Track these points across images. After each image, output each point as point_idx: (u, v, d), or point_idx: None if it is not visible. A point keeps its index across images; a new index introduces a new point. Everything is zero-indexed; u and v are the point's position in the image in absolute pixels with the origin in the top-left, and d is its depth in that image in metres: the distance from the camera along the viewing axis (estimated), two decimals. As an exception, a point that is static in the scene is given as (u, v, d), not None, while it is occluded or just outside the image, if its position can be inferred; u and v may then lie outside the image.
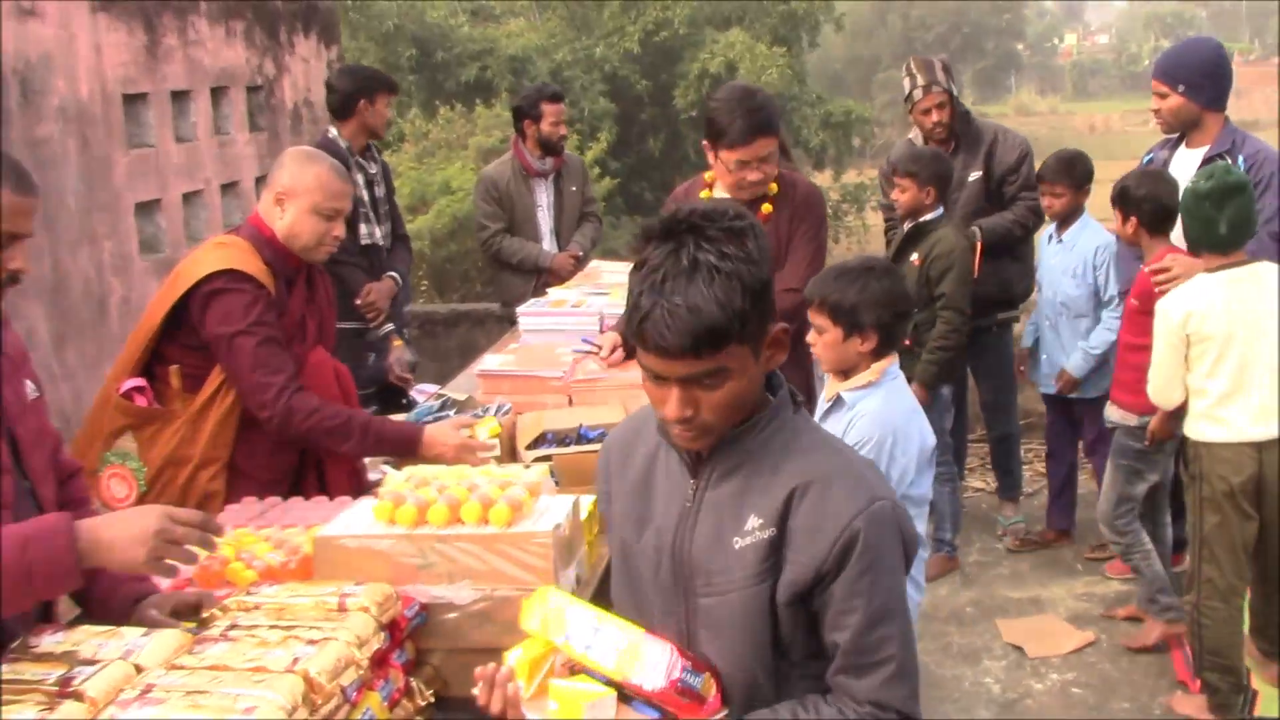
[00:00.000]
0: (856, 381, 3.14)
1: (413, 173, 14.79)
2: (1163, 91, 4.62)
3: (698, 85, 20.92)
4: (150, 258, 5.56)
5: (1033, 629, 4.83)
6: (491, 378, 4.32)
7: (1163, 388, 4.05)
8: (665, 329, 1.70)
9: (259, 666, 2.03)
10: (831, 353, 3.15)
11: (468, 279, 13.83)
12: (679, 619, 1.90)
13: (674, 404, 1.77)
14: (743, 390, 1.79)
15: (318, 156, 3.51)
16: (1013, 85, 66.37)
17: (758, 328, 1.77)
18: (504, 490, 2.62)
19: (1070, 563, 5.42)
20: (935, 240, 5.01)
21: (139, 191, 5.50)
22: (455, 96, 18.42)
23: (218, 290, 3.29)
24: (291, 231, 3.42)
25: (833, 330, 3.10)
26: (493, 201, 6.19)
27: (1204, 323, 3.89)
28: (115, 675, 2.00)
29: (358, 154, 5.36)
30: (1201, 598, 3.99)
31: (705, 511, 1.87)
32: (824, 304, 3.11)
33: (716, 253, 1.71)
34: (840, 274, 3.13)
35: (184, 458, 3.33)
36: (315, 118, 7.07)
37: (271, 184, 3.44)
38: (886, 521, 1.81)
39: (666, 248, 1.74)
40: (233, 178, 6.23)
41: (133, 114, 5.52)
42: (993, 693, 4.42)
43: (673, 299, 1.70)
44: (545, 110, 6.11)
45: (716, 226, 1.75)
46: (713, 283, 1.70)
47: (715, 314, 1.69)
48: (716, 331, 1.71)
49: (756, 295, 1.74)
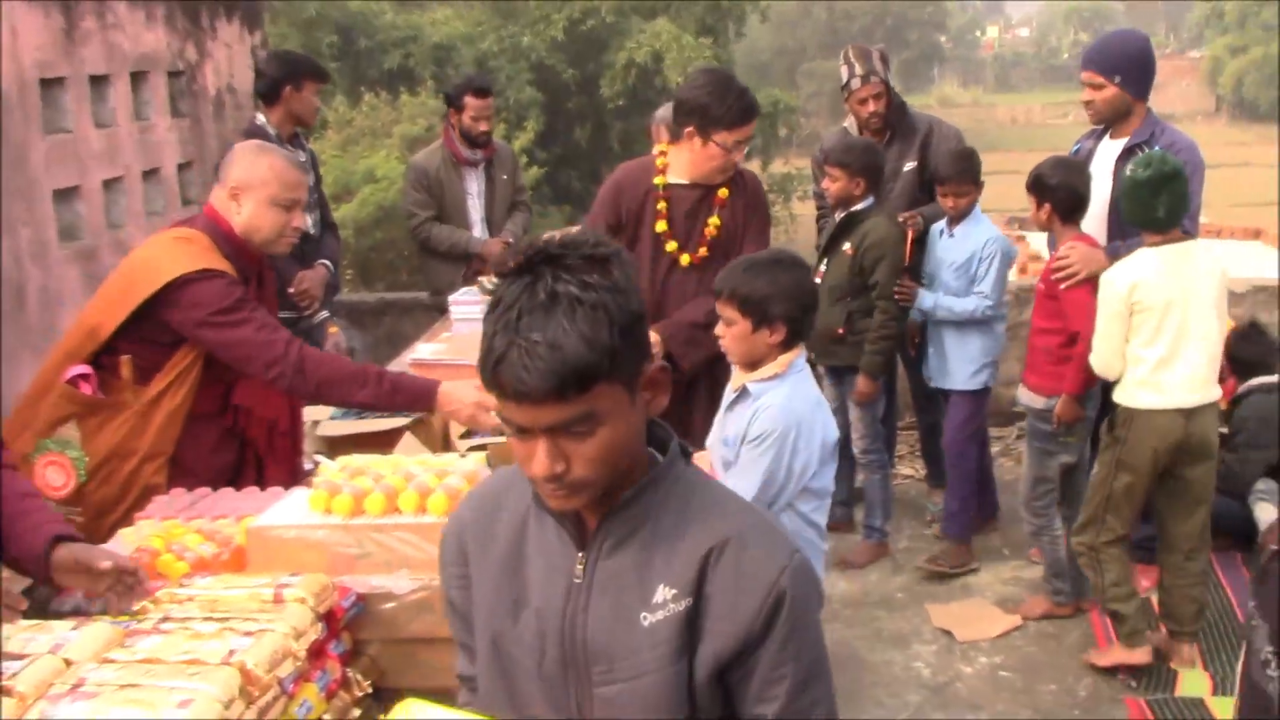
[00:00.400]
0: (763, 373, 3.14)
1: (336, 161, 14.62)
2: (1098, 83, 4.67)
3: (624, 75, 20.93)
4: (69, 245, 5.43)
5: (962, 614, 4.90)
6: (424, 366, 4.28)
7: (1107, 357, 4.21)
8: (523, 370, 1.49)
9: (194, 659, 1.99)
10: (740, 345, 3.14)
11: (393, 268, 13.72)
12: (569, 712, 1.69)
13: (542, 458, 1.55)
14: (619, 439, 1.58)
15: (269, 148, 3.46)
16: (935, 77, 67.20)
17: (631, 365, 1.57)
18: (441, 479, 2.60)
19: (998, 548, 5.49)
20: (867, 230, 5.07)
21: (57, 178, 5.36)
22: (379, 84, 18.23)
23: (190, 280, 3.21)
24: (251, 225, 3.35)
25: (742, 322, 3.09)
26: (422, 189, 6.13)
27: (1147, 293, 4.09)
28: (44, 669, 1.95)
29: (286, 141, 5.28)
30: (1101, 541, 4.29)
31: (600, 587, 1.65)
32: (733, 296, 3.09)
33: (578, 283, 1.52)
34: (749, 266, 3.13)
35: (130, 450, 3.25)
36: (238, 104, 6.94)
37: (224, 179, 3.36)
38: (807, 572, 1.67)
39: (521, 282, 1.54)
40: (154, 164, 6.09)
41: (50, 98, 5.37)
42: (923, 676, 4.47)
43: (530, 336, 1.49)
44: (467, 102, 6.03)
45: (577, 255, 1.56)
46: (575, 315, 1.50)
47: (579, 349, 1.50)
48: (582, 369, 1.50)
49: (626, 328, 1.55)
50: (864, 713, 4.22)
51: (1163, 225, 4.11)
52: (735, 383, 3.23)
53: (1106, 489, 4.28)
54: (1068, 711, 4.21)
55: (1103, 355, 4.22)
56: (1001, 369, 6.74)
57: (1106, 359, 4.22)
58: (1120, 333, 4.15)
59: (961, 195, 5.09)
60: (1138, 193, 4.09)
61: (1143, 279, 4.10)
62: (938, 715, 4.22)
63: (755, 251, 3.95)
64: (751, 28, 29.43)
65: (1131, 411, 4.20)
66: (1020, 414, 6.20)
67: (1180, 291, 4.09)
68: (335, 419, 3.79)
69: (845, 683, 4.42)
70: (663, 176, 4.10)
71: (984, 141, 41.46)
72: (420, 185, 6.11)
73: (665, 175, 4.10)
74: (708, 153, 3.99)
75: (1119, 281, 4.14)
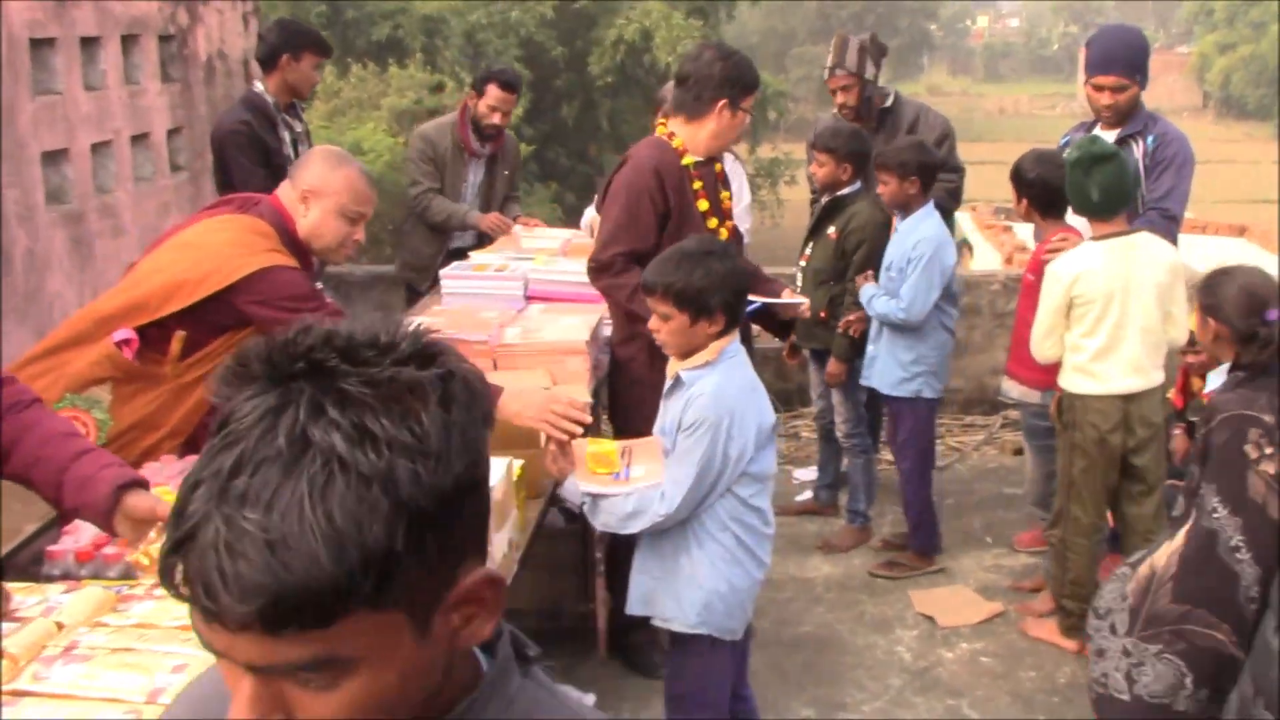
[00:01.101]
0: (695, 361, 3.12)
1: (324, 132, 14.55)
2: (1123, 85, 4.60)
3: (613, 52, 20.86)
4: (56, 209, 5.39)
5: (944, 600, 4.92)
6: (414, 340, 4.25)
7: (1041, 341, 4.31)
8: (215, 572, 0.84)
9: (187, 624, 1.98)
10: (679, 338, 3.10)
11: (377, 241, 13.66)
12: None
13: (243, 704, 0.89)
14: (390, 690, 0.91)
15: (347, 159, 3.43)
16: (925, 65, 67.20)
17: (425, 581, 0.90)
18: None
19: (980, 536, 5.52)
20: (852, 214, 5.11)
21: (45, 140, 5.32)
22: (367, 55, 18.12)
23: (269, 269, 3.18)
24: (315, 231, 3.32)
25: (679, 316, 3.05)
26: (428, 160, 6.00)
27: (1089, 285, 4.16)
28: (37, 632, 1.94)
29: (283, 110, 5.23)
30: (1068, 534, 4.33)
31: None
32: (669, 291, 3.04)
33: (352, 428, 0.86)
34: (680, 260, 3.08)
35: (157, 424, 3.20)
36: (229, 70, 6.89)
37: (296, 180, 3.33)
38: None
39: (262, 402, 0.89)
40: (143, 129, 6.05)
41: (39, 59, 5.33)
42: (904, 661, 4.49)
43: (242, 514, 0.84)
44: (489, 90, 5.94)
45: (369, 372, 0.89)
46: (329, 490, 0.84)
47: (317, 560, 0.83)
48: (315, 593, 0.84)
49: (425, 519, 0.88)
50: (845, 695, 4.24)
51: (1099, 210, 4.14)
52: (670, 371, 3.22)
53: (1068, 477, 4.34)
54: (1047, 698, 4.24)
55: (1038, 338, 4.31)
56: (986, 359, 6.81)
57: (1040, 343, 4.30)
58: (1059, 322, 4.24)
59: (885, 184, 4.89)
60: (1072, 175, 4.14)
61: (1085, 271, 4.15)
62: (918, 699, 4.24)
63: None
64: (741, 10, 29.40)
65: (1073, 396, 4.28)
66: (1004, 404, 6.25)
67: (1122, 283, 4.14)
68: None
69: (827, 665, 4.45)
70: (689, 156, 4.09)
71: (972, 131, 41.58)
72: (426, 157, 5.98)
73: (687, 154, 4.10)
74: (736, 121, 4.06)
75: (1063, 274, 4.20)
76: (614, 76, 21.20)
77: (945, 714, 4.16)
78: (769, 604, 4.88)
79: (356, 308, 6.84)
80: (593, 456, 3.11)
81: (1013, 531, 5.46)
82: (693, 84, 4.05)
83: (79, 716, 1.75)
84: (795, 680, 4.35)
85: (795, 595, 4.97)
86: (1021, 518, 5.48)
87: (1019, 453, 6.08)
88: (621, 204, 3.99)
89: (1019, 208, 4.62)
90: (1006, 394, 4.78)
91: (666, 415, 3.20)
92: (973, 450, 6.55)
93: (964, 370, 6.90)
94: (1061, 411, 4.35)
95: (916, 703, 4.22)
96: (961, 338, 6.52)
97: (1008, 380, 4.77)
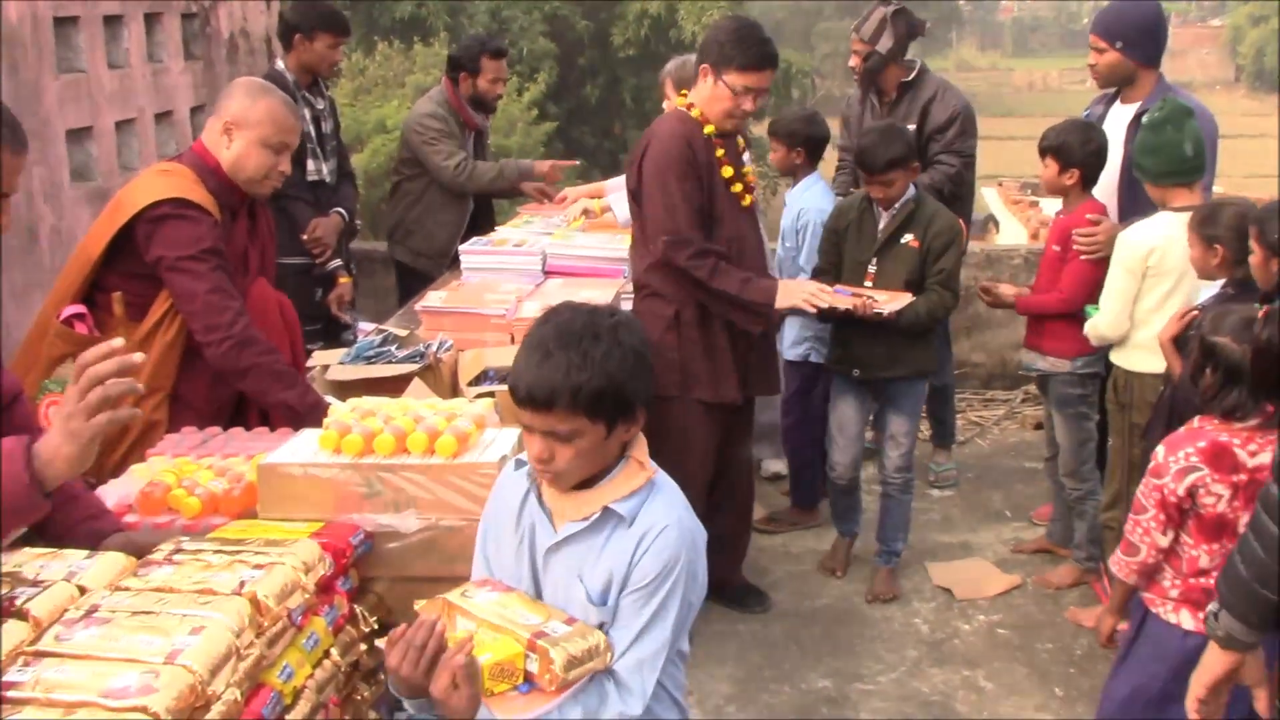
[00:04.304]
0: (624, 485, 2.15)
1: (348, 110, 14.59)
2: (1100, 47, 4.71)
3: (636, 26, 20.78)
4: (81, 186, 5.44)
5: (961, 572, 4.93)
6: (433, 314, 4.30)
7: (1116, 317, 4.17)
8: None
9: (206, 589, 2.02)
10: (587, 460, 2.11)
11: (402, 220, 13.68)
12: None
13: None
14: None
15: (268, 89, 3.46)
16: (954, 40, 66.64)
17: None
18: (450, 422, 2.63)
19: (999, 509, 5.52)
20: (929, 219, 4.73)
21: (70, 118, 5.36)
22: (391, 33, 18.14)
23: (164, 216, 3.25)
24: (238, 163, 3.37)
25: (593, 431, 2.07)
26: (451, 136, 5.92)
27: (1164, 259, 4.06)
28: (59, 596, 1.99)
29: (304, 89, 5.25)
30: None
31: None
32: (576, 400, 2.03)
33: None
34: (585, 362, 2.03)
35: None
36: (252, 48, 6.92)
37: (219, 113, 3.38)
38: None
39: None
40: (166, 107, 6.09)
41: (63, 38, 5.37)
42: (922, 632, 4.51)
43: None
44: (485, 65, 5.90)
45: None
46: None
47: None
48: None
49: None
50: (862, 667, 4.27)
51: (1191, 170, 4.04)
52: (579, 510, 2.16)
53: (1125, 456, 4.22)
54: (1063, 669, 4.25)
55: (1114, 313, 4.17)
56: (1007, 334, 6.77)
57: (1116, 318, 4.17)
58: (1133, 292, 4.12)
59: (774, 151, 5.22)
60: (1160, 135, 4.04)
61: (1164, 243, 4.05)
62: (935, 670, 4.26)
63: None
64: (768, -15, 29.21)
65: (1130, 375, 4.20)
66: (1025, 378, 6.24)
67: None
68: (345, 363, 3.82)
69: (844, 637, 4.48)
70: (710, 125, 4.10)
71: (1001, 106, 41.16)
72: (447, 133, 5.93)
73: (703, 117, 4.11)
74: (716, 92, 4.02)
75: (1139, 244, 4.10)
76: (636, 50, 21.11)
77: (961, 685, 4.18)
78: (787, 577, 4.91)
79: (379, 282, 6.88)
80: (492, 670, 1.99)
81: (1031, 506, 5.47)
82: (699, 47, 4.11)
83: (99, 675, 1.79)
84: (812, 651, 4.38)
85: (813, 567, 4.99)
86: (1040, 492, 5.47)
87: (1039, 427, 6.08)
88: (675, 175, 4.00)
89: (1062, 178, 4.43)
90: (1032, 366, 4.68)
91: (585, 572, 2.15)
92: (993, 425, 6.55)
93: (985, 345, 6.90)
94: (1117, 391, 4.26)
95: (933, 674, 4.25)
96: (983, 312, 6.53)
97: (1031, 354, 4.69)
